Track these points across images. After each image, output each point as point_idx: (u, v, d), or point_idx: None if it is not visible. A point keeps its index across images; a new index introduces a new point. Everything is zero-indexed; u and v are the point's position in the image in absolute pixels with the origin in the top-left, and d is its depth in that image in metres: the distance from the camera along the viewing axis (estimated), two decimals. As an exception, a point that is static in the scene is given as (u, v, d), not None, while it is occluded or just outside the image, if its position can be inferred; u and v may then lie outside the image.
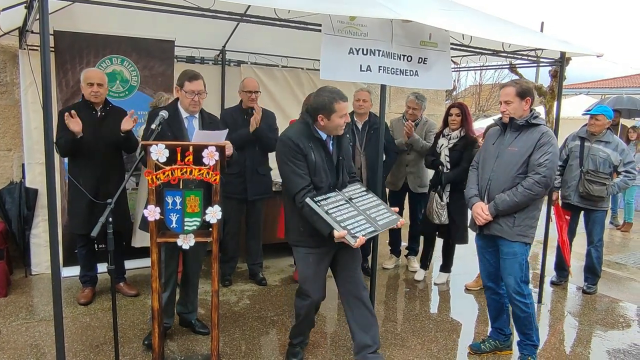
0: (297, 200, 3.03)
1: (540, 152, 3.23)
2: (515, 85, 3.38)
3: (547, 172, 3.20)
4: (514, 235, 3.35)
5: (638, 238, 8.24)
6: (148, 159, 2.95)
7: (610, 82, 23.43)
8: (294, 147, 3.04)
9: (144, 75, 5.04)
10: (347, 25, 3.33)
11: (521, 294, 3.39)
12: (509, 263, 3.40)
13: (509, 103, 3.36)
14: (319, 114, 3.06)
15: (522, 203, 3.27)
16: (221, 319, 4.02)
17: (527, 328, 3.48)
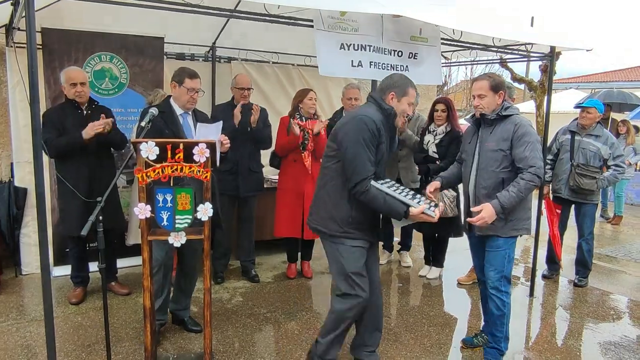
0: (361, 185, 2.82)
1: (522, 146, 3.17)
2: (489, 79, 3.31)
3: (538, 162, 3.15)
4: (508, 231, 3.31)
5: (628, 231, 8.31)
6: (138, 156, 2.92)
7: (600, 77, 23.59)
8: (375, 132, 2.87)
9: (133, 73, 5.01)
10: (338, 21, 3.32)
11: (499, 289, 3.35)
12: (492, 255, 3.37)
13: (483, 97, 3.29)
14: (392, 91, 2.98)
15: (525, 196, 3.20)
16: (214, 317, 4.02)
17: (497, 330, 3.41)
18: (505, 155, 3.23)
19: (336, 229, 2.99)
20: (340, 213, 2.97)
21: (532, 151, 3.16)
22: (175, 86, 3.58)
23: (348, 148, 2.86)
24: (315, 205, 3.11)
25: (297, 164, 4.81)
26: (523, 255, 6.37)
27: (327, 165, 3.04)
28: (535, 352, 3.79)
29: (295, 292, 4.75)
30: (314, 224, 3.11)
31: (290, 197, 4.84)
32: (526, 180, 3.14)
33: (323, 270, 5.39)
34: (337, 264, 3.05)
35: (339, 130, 2.94)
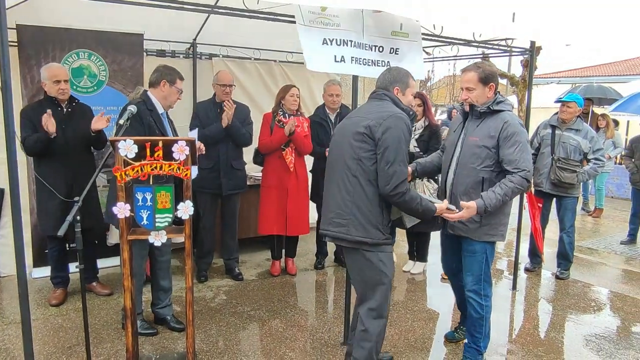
0: (402, 187, 2.69)
1: (512, 146, 2.96)
2: (478, 70, 3.07)
3: (527, 165, 2.98)
4: (482, 235, 3.12)
5: (609, 223, 8.42)
6: (116, 155, 2.88)
7: (580, 71, 23.84)
8: (411, 130, 2.82)
9: (112, 70, 4.92)
10: (319, 16, 3.28)
11: (477, 293, 3.20)
12: (468, 261, 3.21)
13: (471, 90, 3.08)
14: (396, 86, 2.92)
15: (510, 200, 3.06)
16: (197, 315, 4.00)
17: (477, 331, 3.27)
18: (488, 153, 3.03)
19: (379, 235, 2.79)
20: (379, 218, 2.79)
21: (523, 153, 2.97)
22: (165, 84, 3.58)
23: (390, 148, 2.69)
24: (346, 214, 2.80)
25: (281, 161, 4.78)
26: (506, 249, 6.42)
27: (359, 168, 2.77)
28: (518, 345, 3.83)
29: (279, 289, 4.73)
30: (351, 235, 2.79)
31: (274, 194, 4.82)
32: (515, 184, 2.96)
33: (307, 267, 5.38)
34: (377, 274, 2.85)
35: (374, 129, 2.73)
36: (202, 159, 4.60)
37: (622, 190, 10.51)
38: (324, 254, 5.43)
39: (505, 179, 2.98)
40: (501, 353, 3.69)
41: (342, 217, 2.82)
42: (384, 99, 2.93)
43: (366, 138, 2.76)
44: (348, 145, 2.84)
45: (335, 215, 2.85)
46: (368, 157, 2.76)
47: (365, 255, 2.83)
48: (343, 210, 2.82)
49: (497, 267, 5.63)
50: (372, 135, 2.75)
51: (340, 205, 2.83)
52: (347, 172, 2.82)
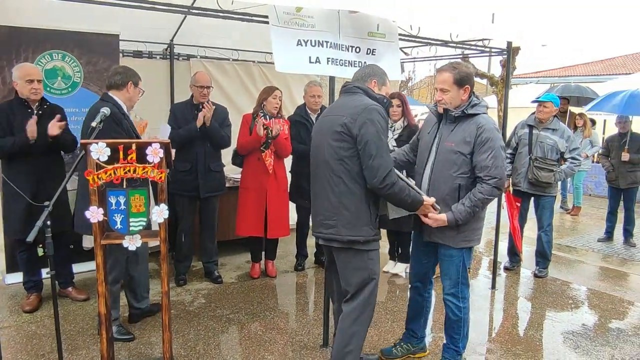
0: (390, 177, 2.69)
1: (485, 152, 2.89)
2: (453, 71, 2.97)
3: (499, 173, 2.91)
4: (459, 242, 3.07)
5: (587, 221, 8.54)
6: (88, 158, 2.82)
7: (559, 71, 24.18)
8: (386, 119, 2.81)
9: (87, 71, 4.84)
10: (294, 17, 3.27)
11: (455, 296, 3.15)
12: (446, 265, 3.15)
13: (445, 91, 2.99)
14: (373, 79, 2.95)
15: (482, 210, 3.03)
16: (175, 320, 3.96)
17: (455, 332, 3.23)
18: (464, 160, 2.96)
19: (369, 232, 2.82)
20: (366, 215, 2.81)
21: (496, 159, 2.90)
22: (131, 86, 3.61)
23: (369, 142, 2.68)
24: (334, 215, 2.81)
25: (260, 163, 4.75)
26: (486, 248, 6.46)
27: (342, 168, 2.77)
28: (496, 344, 3.85)
29: (259, 292, 4.69)
30: (341, 235, 2.81)
31: (252, 196, 4.78)
32: (484, 195, 2.91)
33: (287, 269, 5.35)
34: (365, 271, 2.89)
35: (350, 126, 2.73)
36: (180, 161, 4.55)
37: (600, 188, 10.66)
38: (304, 255, 5.41)
39: (475, 190, 2.94)
40: (480, 352, 3.70)
41: (331, 219, 2.83)
42: (355, 92, 2.92)
43: (344, 136, 2.77)
44: (328, 146, 2.84)
45: (324, 217, 2.87)
46: (349, 156, 2.76)
47: (356, 254, 2.86)
48: (331, 212, 2.83)
49: (476, 267, 5.66)
50: (349, 132, 2.75)
51: (327, 207, 2.85)
52: (330, 173, 2.83)
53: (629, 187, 6.72)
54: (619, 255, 6.40)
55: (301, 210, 5.27)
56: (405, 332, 3.58)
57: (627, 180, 6.67)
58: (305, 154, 4.91)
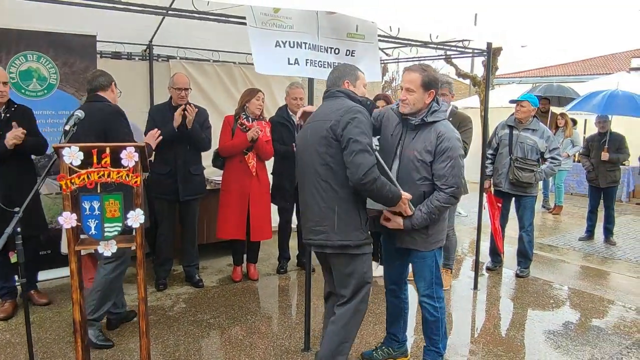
0: (371, 174, 2.68)
1: (443, 162, 2.90)
2: (422, 73, 2.93)
3: (457, 182, 2.92)
4: (429, 245, 3.08)
5: (568, 220, 8.62)
6: (61, 162, 2.76)
7: (541, 71, 24.43)
8: (369, 120, 2.87)
9: (64, 73, 4.75)
10: (272, 18, 3.23)
11: (430, 296, 3.16)
12: (419, 267, 3.16)
13: (411, 92, 2.93)
14: (345, 79, 2.96)
15: (439, 217, 3.02)
16: (154, 325, 3.90)
17: (434, 333, 3.23)
18: (427, 168, 2.96)
19: (360, 237, 2.85)
20: (356, 219, 2.85)
21: (454, 169, 2.90)
22: (114, 86, 3.79)
23: (351, 140, 2.70)
24: (324, 220, 2.84)
25: (243, 165, 4.70)
26: (469, 249, 6.49)
27: (329, 174, 2.80)
28: (478, 345, 3.85)
29: (240, 295, 4.64)
30: (332, 241, 2.83)
31: (234, 198, 4.73)
32: (441, 203, 2.92)
33: (270, 271, 5.31)
34: (358, 275, 2.92)
35: (335, 129, 2.75)
36: (159, 164, 4.49)
37: (582, 187, 10.77)
38: (286, 258, 5.37)
39: (432, 197, 2.95)
40: (462, 354, 3.70)
41: (321, 225, 2.86)
42: (338, 96, 2.93)
43: (330, 141, 2.79)
44: (314, 152, 2.86)
45: (315, 224, 2.89)
46: (336, 161, 2.79)
47: (349, 259, 2.88)
48: (321, 217, 2.86)
49: (459, 267, 5.67)
50: (334, 135, 2.78)
51: (316, 212, 2.87)
52: (317, 179, 2.85)
53: (609, 186, 6.79)
54: (600, 254, 6.47)
55: (283, 212, 5.23)
56: (386, 336, 3.56)
57: (606, 180, 6.74)
58: (288, 154, 4.91)
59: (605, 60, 25.22)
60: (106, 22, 4.62)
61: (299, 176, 3.05)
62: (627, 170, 10.21)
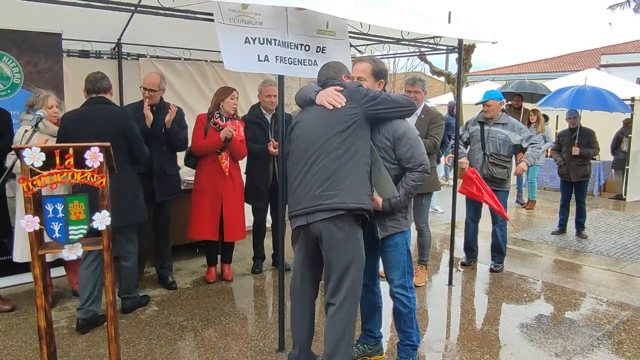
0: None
1: (404, 146, 2.99)
2: (372, 63, 3.10)
3: (423, 158, 3.02)
4: (408, 223, 3.19)
5: (541, 214, 8.75)
6: (22, 164, 2.66)
7: (514, 68, 24.83)
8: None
9: (28, 72, 4.62)
10: (240, 14, 3.18)
11: (404, 286, 3.19)
12: (392, 255, 3.18)
13: (362, 80, 3.06)
14: (343, 73, 3.09)
15: (414, 194, 3.11)
16: (125, 329, 3.82)
17: (407, 326, 3.25)
18: (391, 154, 3.04)
19: (369, 202, 2.93)
20: (367, 185, 2.95)
21: (416, 149, 3.01)
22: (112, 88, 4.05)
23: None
24: (340, 184, 2.84)
25: (216, 165, 4.63)
26: (442, 244, 6.52)
27: (348, 142, 2.87)
28: (452, 340, 3.87)
29: (214, 296, 4.58)
30: (346, 202, 2.83)
31: (207, 199, 4.66)
32: (415, 182, 3.02)
33: (244, 272, 5.25)
34: (358, 252, 2.94)
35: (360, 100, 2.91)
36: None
37: (555, 181, 10.92)
38: (261, 257, 5.32)
39: (407, 178, 3.03)
40: (437, 350, 3.71)
41: (333, 189, 2.83)
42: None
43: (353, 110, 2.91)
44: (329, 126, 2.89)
45: (324, 189, 2.85)
46: (359, 129, 2.91)
47: (353, 231, 2.89)
48: (332, 182, 2.84)
49: (433, 263, 5.69)
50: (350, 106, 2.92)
51: (326, 178, 2.85)
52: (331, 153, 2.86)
53: (580, 180, 6.91)
54: (572, 248, 6.57)
55: (257, 212, 5.18)
56: (362, 332, 3.54)
57: (577, 174, 6.85)
58: (262, 154, 4.86)
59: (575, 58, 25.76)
60: (72, 19, 4.50)
61: (299, 158, 2.98)
62: (598, 164, 10.40)
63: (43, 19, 4.48)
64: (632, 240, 6.95)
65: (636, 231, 7.51)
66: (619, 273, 5.54)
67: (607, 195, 10.74)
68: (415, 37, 4.55)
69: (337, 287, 2.92)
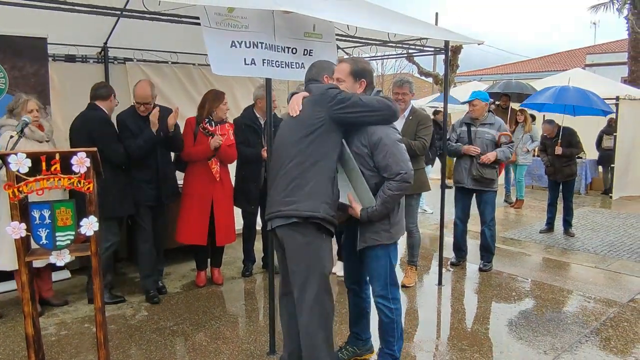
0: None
1: (379, 153, 2.89)
2: (351, 63, 3.00)
3: (402, 167, 2.88)
4: (389, 238, 3.05)
5: (529, 213, 8.82)
6: (7, 170, 2.65)
7: (501, 69, 25.03)
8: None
9: (13, 77, 4.56)
10: (226, 18, 3.18)
11: (386, 297, 3.11)
12: (373, 266, 3.11)
13: (341, 81, 2.96)
14: (325, 74, 3.04)
15: (394, 205, 2.99)
16: (115, 335, 3.80)
17: (389, 335, 3.19)
18: (369, 161, 2.94)
19: (327, 210, 2.79)
20: (329, 193, 2.83)
21: (393, 156, 2.88)
22: (113, 97, 4.41)
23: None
24: (299, 191, 2.78)
25: (205, 170, 4.62)
26: (432, 245, 6.55)
27: (311, 148, 2.81)
28: (442, 340, 3.89)
29: (204, 301, 4.56)
30: (300, 210, 2.76)
31: (196, 203, 4.64)
32: (393, 192, 2.88)
33: (235, 275, 5.24)
34: (319, 261, 2.84)
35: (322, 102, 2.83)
36: (140, 171, 4.35)
37: (543, 180, 11.01)
38: (251, 260, 5.31)
39: (384, 187, 2.90)
40: (427, 349, 3.73)
41: (289, 196, 2.80)
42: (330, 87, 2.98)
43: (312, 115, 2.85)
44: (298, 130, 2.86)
45: (285, 195, 2.82)
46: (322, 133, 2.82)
47: (309, 239, 2.81)
48: (291, 188, 2.81)
49: (423, 264, 5.72)
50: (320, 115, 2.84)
51: (287, 183, 2.83)
52: (295, 153, 2.83)
53: (567, 180, 6.99)
54: (560, 246, 6.63)
55: (248, 215, 5.17)
56: (350, 335, 3.55)
57: (564, 174, 6.94)
58: (253, 158, 4.85)
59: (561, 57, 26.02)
60: (58, 23, 4.47)
61: (276, 164, 2.98)
62: (585, 163, 10.52)
63: (28, 24, 4.44)
64: (618, 238, 7.03)
65: (622, 228, 7.60)
66: (606, 270, 5.60)
67: (593, 194, 10.85)
68: (402, 39, 4.57)
69: (300, 296, 2.85)
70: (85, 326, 4.00)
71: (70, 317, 4.18)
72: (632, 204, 9.77)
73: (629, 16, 16.05)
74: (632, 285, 5.12)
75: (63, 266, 4.38)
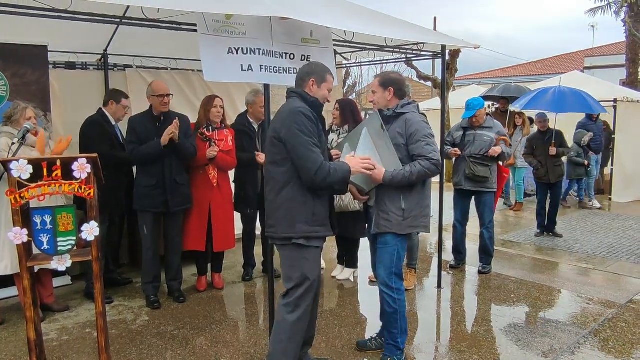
0: (322, 171, 2.83)
1: (417, 142, 3.27)
2: (381, 76, 3.49)
3: (435, 155, 3.25)
4: (405, 228, 3.32)
5: (528, 216, 8.83)
6: (9, 176, 2.68)
7: (500, 72, 25.11)
8: (313, 119, 2.92)
9: (14, 84, 4.61)
10: (224, 25, 3.22)
11: (389, 286, 3.35)
12: (381, 252, 3.38)
13: (375, 93, 3.49)
14: (312, 77, 3.03)
15: (414, 181, 3.25)
16: (116, 340, 3.83)
17: (392, 326, 3.41)
18: (402, 149, 3.30)
19: (305, 229, 2.93)
20: (304, 212, 2.93)
21: (429, 146, 3.28)
22: (113, 104, 4.64)
23: (295, 146, 2.84)
24: (275, 215, 2.98)
25: (204, 175, 4.65)
26: (431, 247, 6.57)
27: (277, 170, 2.94)
28: (442, 342, 3.91)
29: (205, 305, 4.59)
30: (278, 233, 2.97)
31: (195, 208, 4.67)
32: (424, 167, 3.21)
33: (235, 279, 5.27)
34: (299, 269, 2.98)
35: (278, 131, 2.90)
36: (145, 177, 4.39)
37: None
38: (252, 265, 5.34)
39: (417, 162, 3.24)
40: (427, 351, 3.74)
41: (270, 218, 3.02)
42: (292, 96, 3.06)
43: (275, 141, 2.93)
44: (268, 151, 3.04)
45: (268, 217, 3.05)
46: (282, 160, 2.92)
47: (292, 250, 2.97)
48: (270, 212, 3.02)
49: (423, 267, 5.74)
50: (278, 137, 2.91)
51: (269, 207, 3.04)
52: (270, 176, 3.02)
53: (558, 180, 7.07)
54: (559, 248, 6.63)
55: (247, 220, 5.20)
56: (381, 327, 3.67)
57: (556, 174, 7.00)
58: (249, 162, 4.88)
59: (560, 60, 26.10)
60: (58, 32, 4.52)
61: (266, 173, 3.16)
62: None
63: (29, 32, 4.48)
64: (618, 240, 7.05)
65: (621, 230, 7.62)
66: (605, 272, 5.62)
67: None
68: (399, 43, 4.61)
69: (286, 295, 3.05)
70: (86, 331, 4.03)
71: (71, 322, 4.20)
72: (631, 206, 9.78)
73: (626, 19, 16.12)
74: (631, 286, 5.14)
75: (64, 272, 4.46)
